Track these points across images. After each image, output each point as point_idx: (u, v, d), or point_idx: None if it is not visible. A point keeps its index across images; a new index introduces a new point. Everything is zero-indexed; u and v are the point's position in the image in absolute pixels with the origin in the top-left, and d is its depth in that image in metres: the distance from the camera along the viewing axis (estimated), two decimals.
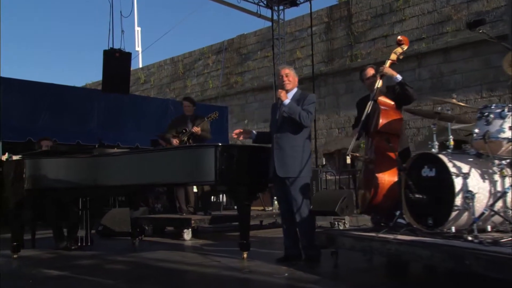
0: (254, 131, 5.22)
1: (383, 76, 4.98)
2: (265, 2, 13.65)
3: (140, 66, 23.47)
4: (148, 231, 7.30)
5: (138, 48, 25.15)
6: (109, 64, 10.53)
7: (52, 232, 6.33)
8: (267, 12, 14.44)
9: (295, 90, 4.92)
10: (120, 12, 10.99)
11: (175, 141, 7.25)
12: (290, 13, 19.28)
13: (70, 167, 5.34)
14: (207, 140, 7.26)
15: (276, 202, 8.20)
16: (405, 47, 5.06)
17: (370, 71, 5.26)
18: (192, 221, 6.68)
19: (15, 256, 5.63)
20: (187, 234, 6.76)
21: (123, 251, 6.08)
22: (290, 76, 4.87)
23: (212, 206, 8.82)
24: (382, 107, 4.79)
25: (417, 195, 3.79)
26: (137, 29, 25.09)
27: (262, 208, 8.20)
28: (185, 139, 7.25)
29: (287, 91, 4.86)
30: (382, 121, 4.69)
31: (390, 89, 5.12)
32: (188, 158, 4.88)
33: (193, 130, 7.17)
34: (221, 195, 9.81)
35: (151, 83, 20.82)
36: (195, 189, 7.64)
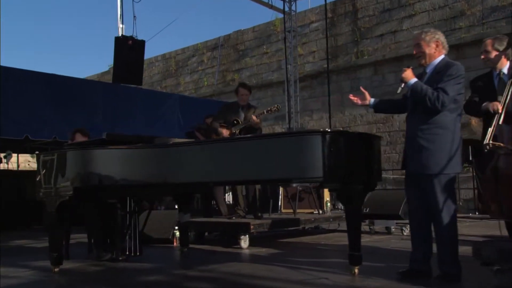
0: (372, 98, 4.16)
1: None
2: None
3: None
4: (191, 237, 6.15)
5: None
6: (120, 53, 9.37)
7: (94, 239, 5.18)
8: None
9: (438, 59, 3.79)
10: None
11: (224, 131, 6.16)
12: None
13: (133, 160, 4.17)
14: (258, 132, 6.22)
15: (328, 204, 7.20)
16: None
17: (487, 44, 4.33)
18: (251, 226, 5.59)
19: (56, 269, 4.45)
20: (244, 241, 5.67)
21: (185, 263, 4.97)
22: (423, 46, 3.76)
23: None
24: None
25: None
26: (121, 26, 23.60)
27: (311, 211, 7.16)
28: (237, 131, 6.16)
29: (423, 65, 3.84)
30: None
31: None
32: (288, 148, 3.77)
33: (251, 120, 6.09)
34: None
35: None
36: None
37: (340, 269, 4.16)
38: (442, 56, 3.80)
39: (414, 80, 3.73)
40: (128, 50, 9.39)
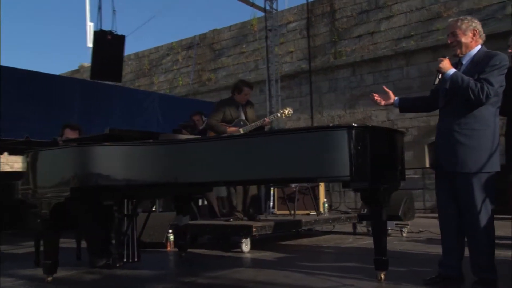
0: (396, 97, 3.87)
1: None
2: None
3: None
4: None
5: (90, 44, 22.86)
6: (99, 48, 8.85)
7: (88, 244, 4.72)
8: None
9: (475, 49, 3.45)
10: None
11: (229, 131, 5.72)
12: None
13: (142, 157, 3.75)
14: None
15: (326, 205, 6.89)
16: None
17: None
18: (254, 229, 5.22)
19: (49, 279, 3.99)
20: (246, 245, 5.30)
21: (190, 269, 4.55)
22: (459, 35, 3.43)
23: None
24: None
25: None
26: (89, 24, 22.80)
27: (307, 212, 6.82)
28: (245, 132, 5.75)
29: (459, 56, 3.54)
30: None
31: None
32: (312, 145, 3.44)
33: (264, 122, 5.76)
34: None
35: None
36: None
37: (362, 274, 3.86)
38: (479, 46, 3.48)
39: (452, 70, 3.42)
40: (107, 45, 8.87)
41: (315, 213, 6.73)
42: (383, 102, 3.81)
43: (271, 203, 7.35)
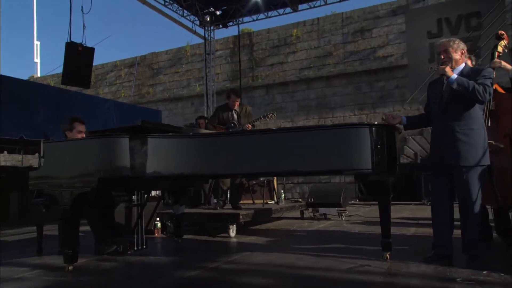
0: (403, 116, 3.44)
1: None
2: (198, 22, 11.41)
3: (39, 75, 19.02)
4: (171, 228, 4.88)
5: (37, 59, 20.38)
6: (70, 57, 7.53)
7: (94, 233, 3.71)
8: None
9: (461, 66, 3.14)
10: (82, 7, 7.96)
11: None
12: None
13: (177, 150, 2.92)
14: None
15: (282, 196, 6.32)
16: (505, 42, 3.78)
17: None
18: (240, 216, 4.51)
19: (70, 267, 3.01)
20: (233, 231, 4.58)
21: (204, 255, 3.72)
22: (450, 52, 3.11)
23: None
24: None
25: None
26: (36, 43, 20.36)
27: (265, 201, 6.19)
28: None
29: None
30: None
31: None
32: (337, 140, 2.91)
33: (245, 127, 5.07)
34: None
35: None
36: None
37: (363, 255, 3.37)
38: (464, 64, 3.19)
39: (455, 75, 3.08)
40: (78, 55, 7.58)
41: (272, 202, 6.15)
42: (394, 122, 3.37)
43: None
